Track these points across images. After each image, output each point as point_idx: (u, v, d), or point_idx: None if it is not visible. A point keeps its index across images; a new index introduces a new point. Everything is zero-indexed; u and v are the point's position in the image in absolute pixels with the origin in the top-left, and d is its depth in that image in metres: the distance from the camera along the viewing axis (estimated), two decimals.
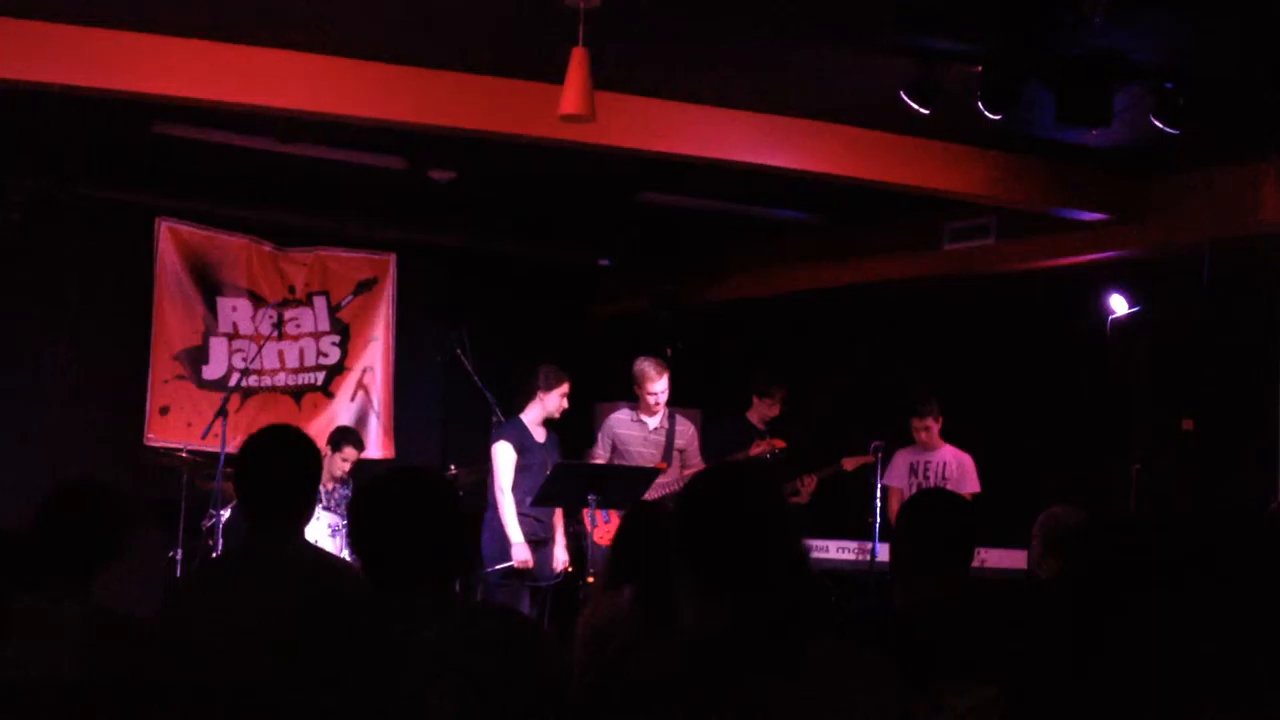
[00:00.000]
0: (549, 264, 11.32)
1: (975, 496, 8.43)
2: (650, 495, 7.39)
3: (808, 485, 8.86)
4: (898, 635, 3.24)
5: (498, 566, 7.53)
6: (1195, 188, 8.16)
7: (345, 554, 7.57)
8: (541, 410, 7.77)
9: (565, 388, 7.76)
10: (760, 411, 9.09)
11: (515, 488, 7.60)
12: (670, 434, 8.04)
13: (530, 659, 2.82)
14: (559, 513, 7.88)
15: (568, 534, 8.00)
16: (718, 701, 2.42)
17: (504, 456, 7.64)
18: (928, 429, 8.70)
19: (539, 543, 7.70)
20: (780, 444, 8.61)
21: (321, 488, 8.53)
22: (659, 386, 7.89)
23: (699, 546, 2.56)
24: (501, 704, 2.75)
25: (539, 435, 7.79)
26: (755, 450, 8.56)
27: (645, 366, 7.95)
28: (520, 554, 7.52)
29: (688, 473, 7.95)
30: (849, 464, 8.82)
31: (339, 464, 8.58)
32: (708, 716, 2.42)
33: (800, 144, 7.63)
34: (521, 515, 7.58)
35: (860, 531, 8.62)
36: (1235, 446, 8.58)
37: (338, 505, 8.40)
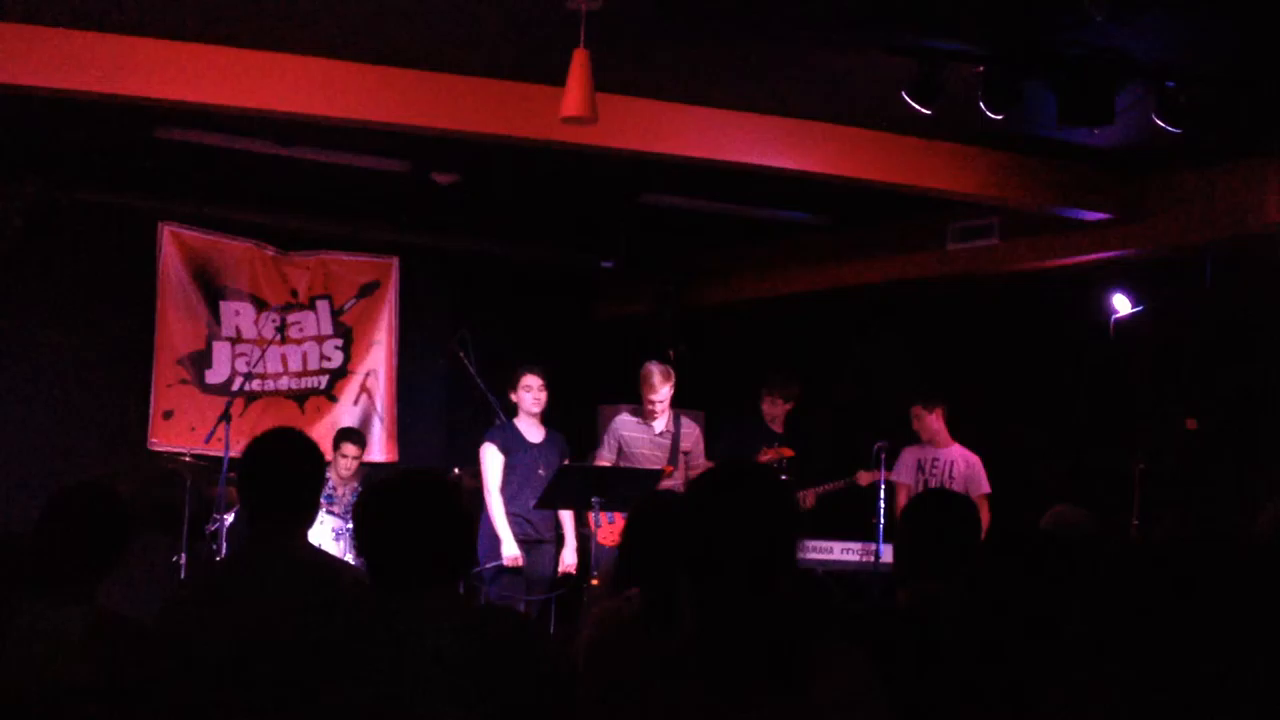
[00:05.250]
0: (551, 266, 11.31)
1: (988, 498, 8.41)
2: None
3: (807, 502, 8.82)
4: (899, 635, 3.24)
5: (489, 565, 7.54)
6: (1198, 187, 8.15)
7: (349, 558, 7.57)
8: (520, 409, 7.80)
9: (525, 379, 7.79)
10: (769, 410, 9.03)
11: (504, 488, 7.64)
12: (675, 436, 8.03)
13: (533, 659, 2.82)
14: (570, 514, 7.88)
15: (576, 536, 7.99)
16: (718, 707, 2.41)
17: (487, 458, 7.74)
18: (919, 418, 8.63)
19: (532, 543, 7.71)
20: (788, 453, 8.58)
21: (329, 492, 8.55)
22: (660, 395, 7.89)
23: (702, 549, 2.52)
24: (504, 705, 2.74)
25: (533, 436, 7.81)
26: (763, 458, 8.52)
27: (650, 373, 7.95)
28: (510, 552, 7.53)
29: (693, 473, 7.93)
30: (864, 478, 8.70)
31: (340, 462, 8.64)
32: None
33: (802, 145, 7.62)
34: (511, 515, 7.61)
35: (864, 533, 8.60)
36: (1238, 446, 8.57)
37: (344, 511, 8.41)
